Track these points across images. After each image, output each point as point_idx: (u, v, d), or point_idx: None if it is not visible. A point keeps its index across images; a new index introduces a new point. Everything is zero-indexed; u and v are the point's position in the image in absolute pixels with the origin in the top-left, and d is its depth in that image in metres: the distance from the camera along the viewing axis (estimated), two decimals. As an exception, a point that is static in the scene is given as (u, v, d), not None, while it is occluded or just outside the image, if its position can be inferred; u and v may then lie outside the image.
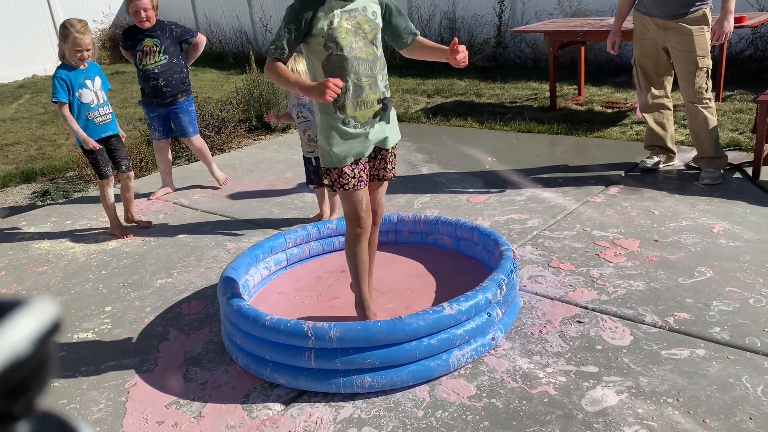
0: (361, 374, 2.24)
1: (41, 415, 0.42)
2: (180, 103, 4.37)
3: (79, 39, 3.59)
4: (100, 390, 2.45)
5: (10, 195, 5.15)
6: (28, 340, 0.39)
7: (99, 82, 3.78)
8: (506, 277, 2.51)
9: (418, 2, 9.91)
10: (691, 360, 2.30)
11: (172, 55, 4.27)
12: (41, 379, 0.41)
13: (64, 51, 3.66)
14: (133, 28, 4.29)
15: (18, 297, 0.41)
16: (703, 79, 3.90)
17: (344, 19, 2.24)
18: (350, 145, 2.32)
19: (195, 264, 3.51)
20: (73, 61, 3.66)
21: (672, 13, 3.85)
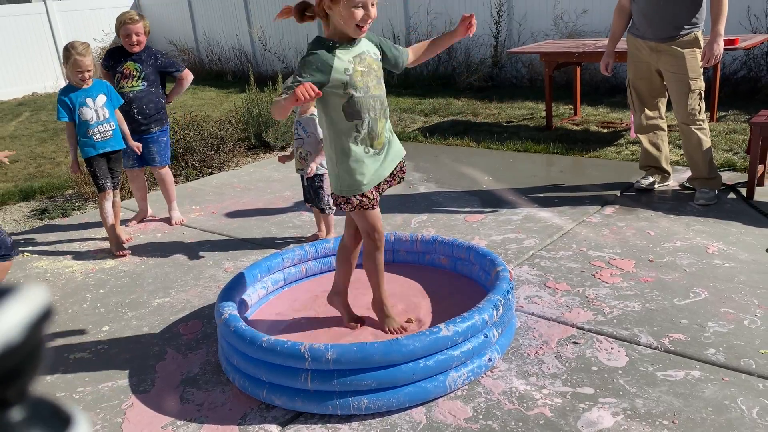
0: (358, 396, 2.24)
1: (35, 401, 0.42)
2: (152, 133, 4.28)
3: (80, 61, 3.67)
4: (96, 411, 2.44)
5: (9, 213, 5.16)
6: (20, 326, 0.39)
7: (102, 99, 3.83)
8: (503, 297, 2.52)
9: (415, 23, 10.03)
10: (686, 381, 2.31)
11: (151, 84, 4.21)
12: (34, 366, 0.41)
13: (67, 73, 3.76)
14: (118, 49, 4.24)
15: (8, 284, 0.41)
16: (696, 100, 3.93)
17: (357, 64, 2.36)
18: (376, 174, 2.48)
19: (192, 283, 3.52)
20: (75, 81, 3.75)
21: (664, 36, 3.91)
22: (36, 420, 0.41)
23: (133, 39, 4.12)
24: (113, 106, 3.90)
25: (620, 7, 4.21)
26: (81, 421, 0.43)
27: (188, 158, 5.91)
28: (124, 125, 4.02)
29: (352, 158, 2.42)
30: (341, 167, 2.45)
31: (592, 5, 8.24)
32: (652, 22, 3.94)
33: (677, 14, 3.85)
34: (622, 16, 4.21)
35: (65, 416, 0.43)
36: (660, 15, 3.89)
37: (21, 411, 0.41)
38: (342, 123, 2.39)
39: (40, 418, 0.42)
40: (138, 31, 4.12)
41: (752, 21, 7.01)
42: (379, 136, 2.47)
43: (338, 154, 2.44)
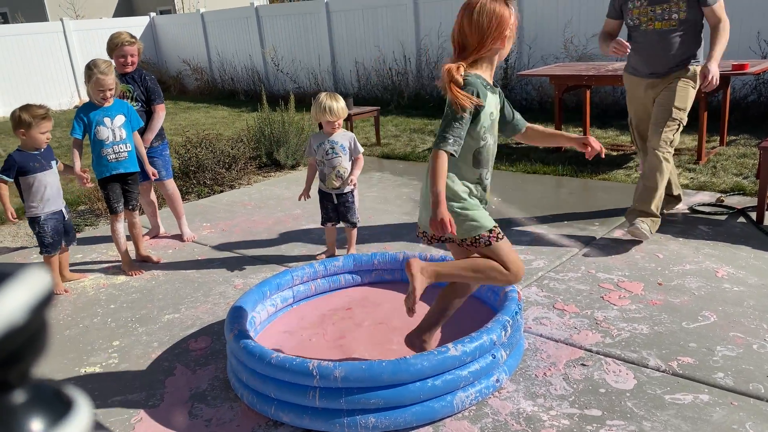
0: (365, 414, 2.25)
1: (37, 384, 0.42)
2: (154, 148, 4.31)
3: (102, 79, 3.70)
4: (106, 425, 2.46)
5: (23, 227, 5.22)
6: (22, 309, 0.40)
7: (121, 120, 3.84)
8: (511, 318, 2.53)
9: (426, 45, 10.14)
10: (694, 405, 2.30)
11: (143, 103, 4.25)
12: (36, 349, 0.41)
13: (89, 91, 3.79)
14: None
15: (10, 267, 0.41)
16: (673, 130, 3.78)
17: (495, 110, 2.32)
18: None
19: (202, 300, 3.55)
20: (96, 100, 3.78)
21: (662, 72, 3.85)
22: (38, 402, 0.42)
23: (128, 60, 4.16)
24: (132, 128, 3.90)
25: (606, 34, 4.06)
26: (82, 403, 0.44)
27: (200, 176, 5.97)
28: (142, 148, 4.03)
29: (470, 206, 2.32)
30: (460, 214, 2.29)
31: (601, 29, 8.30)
32: (650, 62, 3.87)
33: (676, 53, 3.80)
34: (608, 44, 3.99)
35: (67, 399, 0.43)
36: (660, 55, 3.82)
37: (23, 394, 0.41)
38: (468, 170, 2.31)
39: (42, 401, 0.42)
40: (133, 53, 4.18)
41: (762, 46, 7.04)
42: (488, 191, 2.42)
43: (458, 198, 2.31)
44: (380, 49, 10.74)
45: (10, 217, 3.57)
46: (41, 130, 3.52)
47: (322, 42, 11.64)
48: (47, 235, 3.65)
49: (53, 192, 3.65)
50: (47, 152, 3.66)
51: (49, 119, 3.57)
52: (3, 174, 3.52)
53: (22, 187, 3.58)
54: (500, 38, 2.24)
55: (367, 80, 11.00)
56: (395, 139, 7.65)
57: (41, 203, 3.61)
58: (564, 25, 8.60)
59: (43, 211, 3.62)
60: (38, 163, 3.58)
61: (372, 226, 4.58)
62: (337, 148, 3.71)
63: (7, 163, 3.52)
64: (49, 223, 3.64)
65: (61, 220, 3.72)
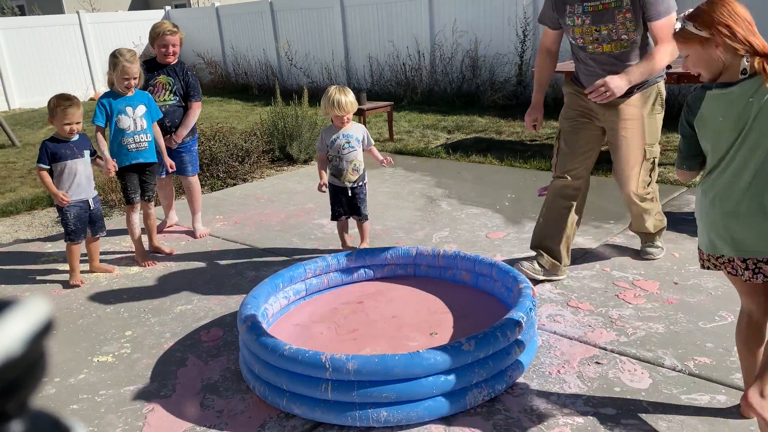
0: (378, 408, 2.24)
1: (35, 414, 0.42)
2: (186, 143, 4.30)
3: (128, 68, 3.70)
4: (118, 414, 2.47)
5: (37, 218, 5.26)
6: (21, 339, 0.39)
7: (142, 110, 3.83)
8: (525, 315, 2.51)
9: (440, 40, 10.09)
10: (711, 406, 2.27)
11: (181, 98, 4.22)
12: (34, 379, 0.41)
13: (113, 79, 3.77)
14: (150, 62, 4.22)
15: (10, 297, 0.41)
16: (648, 170, 3.28)
17: None
18: None
19: (215, 291, 3.55)
20: (121, 88, 3.77)
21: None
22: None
23: (169, 50, 4.12)
24: (152, 119, 3.90)
25: (546, 50, 3.37)
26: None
27: (213, 169, 5.98)
28: (161, 140, 4.02)
29: None
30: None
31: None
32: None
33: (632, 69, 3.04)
34: (550, 59, 3.37)
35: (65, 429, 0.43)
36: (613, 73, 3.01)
37: (21, 424, 0.41)
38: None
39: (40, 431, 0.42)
40: (174, 42, 4.13)
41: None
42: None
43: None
44: (394, 44, 10.71)
45: (62, 198, 3.55)
46: (65, 120, 3.49)
47: (335, 37, 11.63)
48: (70, 222, 3.64)
49: (82, 180, 3.63)
50: (81, 141, 3.65)
51: (74, 109, 3.52)
52: (39, 162, 3.54)
53: (54, 173, 3.58)
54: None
55: (381, 75, 10.97)
56: (408, 135, 7.62)
57: (69, 190, 3.59)
58: (580, 21, 8.52)
59: (68, 198, 3.60)
60: (69, 151, 3.57)
61: (384, 221, 4.57)
62: (353, 141, 3.70)
63: (41, 150, 3.54)
64: (72, 211, 3.63)
65: (87, 209, 3.69)
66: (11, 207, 5.44)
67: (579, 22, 3.08)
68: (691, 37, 1.94)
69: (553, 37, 3.34)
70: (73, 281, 3.73)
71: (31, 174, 6.76)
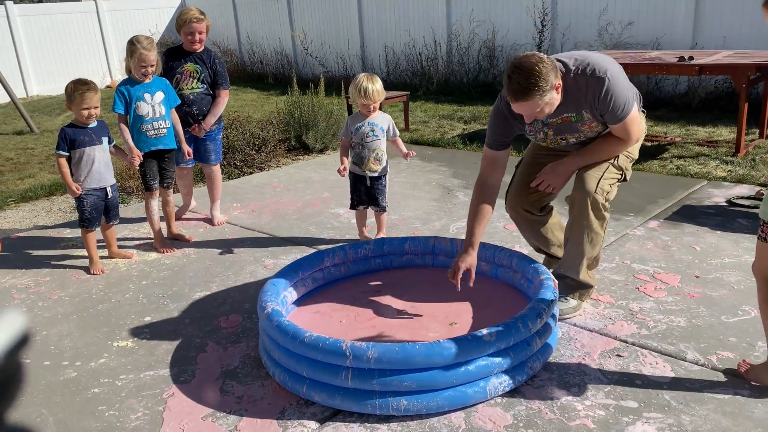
0: (397, 397, 2.24)
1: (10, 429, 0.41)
2: (212, 131, 4.29)
3: (145, 55, 3.70)
4: (138, 398, 2.49)
5: (56, 203, 5.30)
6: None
7: (160, 97, 3.84)
8: (546, 306, 2.49)
9: (457, 30, 10.02)
10: (735, 400, 2.24)
11: (208, 85, 4.20)
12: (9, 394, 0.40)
13: (130, 66, 3.77)
14: (176, 50, 4.20)
15: None
16: (611, 180, 2.80)
17: None
18: None
19: (233, 278, 3.56)
20: (138, 75, 3.77)
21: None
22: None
23: (195, 37, 4.10)
24: (170, 105, 3.91)
25: (485, 184, 2.83)
26: None
27: (230, 157, 5.99)
28: (179, 126, 4.02)
29: None
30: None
31: (638, 17, 8.13)
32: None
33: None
34: (491, 195, 2.83)
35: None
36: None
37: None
38: None
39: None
40: (201, 30, 4.11)
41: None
42: None
43: None
44: (410, 33, 10.65)
45: (75, 190, 3.57)
46: (83, 105, 3.50)
47: (351, 26, 11.58)
48: (86, 210, 3.66)
49: (100, 168, 3.63)
50: (100, 128, 3.65)
51: (92, 93, 3.52)
52: (58, 149, 3.55)
53: (72, 160, 3.58)
54: None
55: (396, 65, 10.92)
56: (424, 125, 7.59)
57: (86, 178, 3.60)
58: (599, 12, 8.43)
59: (85, 185, 3.61)
60: (87, 137, 3.57)
61: (401, 211, 4.55)
62: (377, 130, 3.68)
63: (60, 137, 3.54)
64: (88, 199, 3.64)
65: (103, 197, 3.70)
66: (30, 193, 5.49)
67: (542, 136, 2.87)
68: None
69: (501, 163, 2.84)
70: (94, 270, 3.75)
71: (49, 160, 6.81)
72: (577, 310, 2.91)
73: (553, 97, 2.51)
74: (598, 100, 2.61)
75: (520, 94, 2.44)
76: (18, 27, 12.27)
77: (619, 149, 2.80)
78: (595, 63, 2.61)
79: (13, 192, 5.56)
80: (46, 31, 12.67)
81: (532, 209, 3.06)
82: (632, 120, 2.70)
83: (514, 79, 2.43)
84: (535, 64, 2.41)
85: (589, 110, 2.67)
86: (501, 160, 2.87)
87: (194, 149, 4.27)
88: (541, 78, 2.41)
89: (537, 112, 2.53)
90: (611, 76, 2.59)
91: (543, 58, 2.45)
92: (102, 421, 2.35)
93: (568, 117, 2.73)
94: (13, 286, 3.62)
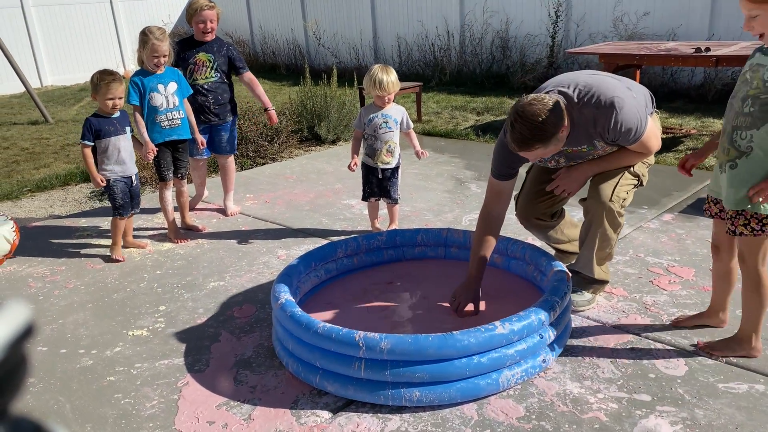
0: (410, 388, 2.25)
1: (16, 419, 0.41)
2: (227, 122, 4.30)
3: (157, 46, 3.70)
4: (153, 387, 2.51)
5: (71, 193, 5.35)
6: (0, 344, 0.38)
7: (173, 87, 3.84)
8: (560, 299, 2.48)
9: (470, 20, 9.96)
10: (749, 395, 2.23)
11: (223, 74, 4.20)
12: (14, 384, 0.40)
13: (143, 57, 3.78)
14: (188, 40, 4.18)
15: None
16: (629, 186, 2.79)
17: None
18: None
19: (246, 269, 3.58)
20: (150, 66, 3.77)
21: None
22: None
23: (207, 26, 4.07)
24: (183, 95, 3.91)
25: (489, 216, 2.80)
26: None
27: (243, 148, 6.01)
28: (192, 116, 4.01)
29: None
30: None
31: (654, 7, 8.04)
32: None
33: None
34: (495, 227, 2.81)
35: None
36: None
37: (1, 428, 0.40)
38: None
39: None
40: (212, 18, 4.09)
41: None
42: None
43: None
44: (423, 24, 10.59)
45: (99, 182, 3.59)
46: (107, 95, 3.51)
47: (364, 16, 11.54)
48: (117, 197, 3.68)
49: (126, 156, 3.66)
50: (122, 117, 3.67)
51: (117, 83, 3.53)
52: (83, 139, 3.56)
53: (98, 150, 3.59)
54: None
55: (409, 56, 10.88)
56: (436, 116, 7.57)
57: (114, 166, 3.63)
58: (615, 2, 8.34)
59: (114, 174, 3.64)
60: (112, 127, 3.59)
61: (413, 203, 4.55)
62: (390, 122, 3.68)
63: (85, 127, 3.55)
64: (118, 186, 3.67)
65: (129, 185, 3.73)
66: (45, 182, 5.54)
67: (553, 164, 2.85)
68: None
69: (506, 193, 2.77)
70: (115, 255, 3.79)
71: (64, 150, 6.86)
72: (591, 303, 2.91)
73: (560, 139, 2.45)
74: (608, 131, 2.54)
75: (523, 144, 2.41)
76: (33, 17, 12.34)
77: (637, 160, 2.76)
78: (600, 91, 2.51)
79: (28, 181, 5.62)
80: (61, 22, 12.73)
81: (544, 217, 3.05)
82: (648, 137, 2.64)
83: (517, 128, 2.39)
84: (538, 115, 2.35)
85: (600, 140, 2.61)
86: (507, 191, 2.79)
87: (209, 140, 4.28)
88: (545, 130, 2.36)
89: (543, 155, 2.50)
90: (618, 103, 2.50)
91: (547, 105, 2.37)
92: (118, 409, 2.38)
93: (579, 150, 2.69)
94: (30, 275, 3.66)
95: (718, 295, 2.63)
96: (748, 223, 2.25)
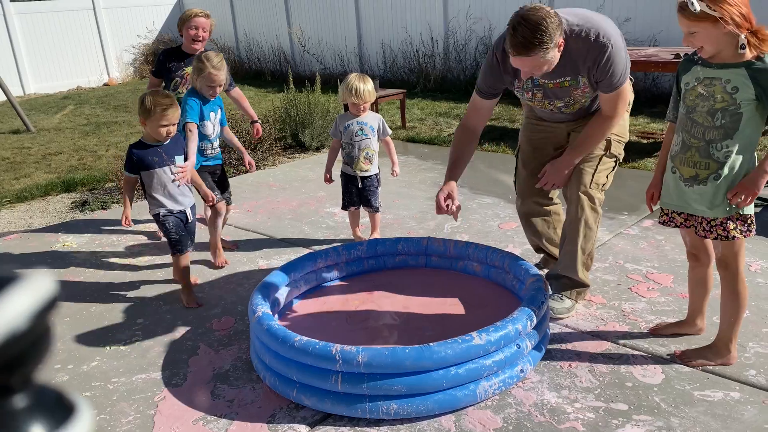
0: (387, 400, 2.24)
1: (39, 388, 0.43)
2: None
3: (214, 75, 3.44)
4: (129, 402, 2.49)
5: (51, 203, 5.30)
6: (25, 314, 0.40)
7: (219, 114, 3.67)
8: (537, 308, 2.49)
9: (454, 27, 10.00)
10: (725, 402, 2.24)
11: None
12: (39, 354, 0.42)
13: (196, 84, 3.51)
14: (175, 50, 4.07)
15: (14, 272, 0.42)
16: (607, 171, 2.88)
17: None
18: None
19: (226, 280, 3.56)
20: (206, 95, 3.53)
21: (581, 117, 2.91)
22: (39, 407, 0.42)
23: (198, 34, 3.93)
24: (223, 123, 3.75)
25: (467, 127, 2.89)
26: (84, 409, 0.44)
27: (226, 156, 5.97)
28: (236, 140, 3.90)
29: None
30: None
31: (635, 14, 8.11)
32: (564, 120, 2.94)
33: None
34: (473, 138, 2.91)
35: (69, 404, 0.44)
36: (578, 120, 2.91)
37: (25, 398, 0.42)
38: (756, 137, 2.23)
39: (44, 406, 0.42)
40: (205, 27, 3.95)
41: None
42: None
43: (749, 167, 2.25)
44: (407, 30, 10.62)
45: (124, 222, 3.14)
46: (162, 121, 3.04)
47: (349, 23, 11.55)
48: (171, 232, 3.20)
49: (175, 190, 3.19)
50: (172, 146, 3.17)
51: (173, 109, 3.08)
52: (124, 168, 3.19)
53: (144, 182, 3.16)
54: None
55: (394, 62, 10.90)
56: (421, 123, 7.58)
57: (163, 199, 3.17)
58: (597, 8, 8.39)
59: (163, 208, 3.19)
60: (158, 158, 3.12)
61: (396, 210, 4.55)
62: (367, 129, 3.67)
63: (127, 156, 3.15)
64: (170, 220, 3.19)
65: (185, 220, 3.26)
66: (26, 193, 5.48)
67: (530, 96, 2.82)
68: (703, 17, 2.07)
69: (485, 110, 2.87)
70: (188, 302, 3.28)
71: (45, 159, 6.80)
72: (570, 312, 2.91)
73: (555, 56, 2.47)
74: (597, 67, 2.56)
75: (523, 49, 2.38)
76: (15, 25, 12.24)
77: (608, 129, 2.78)
78: (601, 28, 2.55)
79: (8, 192, 5.56)
80: (43, 29, 12.64)
81: (542, 197, 3.09)
82: (625, 90, 2.69)
83: (519, 31, 2.36)
84: (542, 18, 2.35)
85: (586, 75, 2.64)
86: (486, 108, 2.89)
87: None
88: (547, 34, 2.35)
89: (535, 68, 2.49)
90: (615, 43, 2.55)
91: (550, 13, 2.39)
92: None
93: (562, 82, 2.70)
94: (7, 288, 3.61)
95: (695, 302, 2.65)
96: (736, 226, 2.28)
